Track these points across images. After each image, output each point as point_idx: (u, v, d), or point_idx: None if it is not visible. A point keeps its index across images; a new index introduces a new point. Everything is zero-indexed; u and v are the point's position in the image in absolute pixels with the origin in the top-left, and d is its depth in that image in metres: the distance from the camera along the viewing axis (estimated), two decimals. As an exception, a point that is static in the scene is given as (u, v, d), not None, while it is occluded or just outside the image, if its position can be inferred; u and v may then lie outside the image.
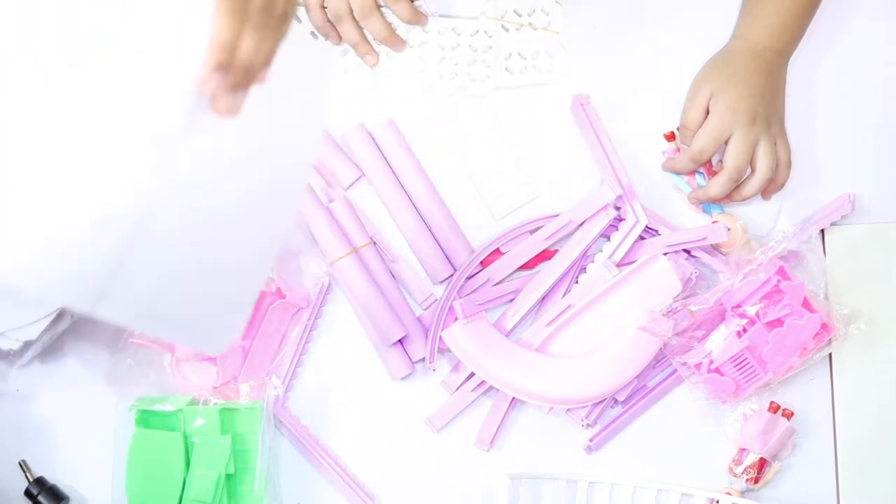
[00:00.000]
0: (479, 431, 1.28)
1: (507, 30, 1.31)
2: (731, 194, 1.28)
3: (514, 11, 1.32)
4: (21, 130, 0.95)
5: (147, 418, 1.23)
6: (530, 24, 1.31)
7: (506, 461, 1.28)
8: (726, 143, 1.26)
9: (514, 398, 1.26)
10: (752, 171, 1.27)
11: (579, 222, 1.29)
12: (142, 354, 1.25)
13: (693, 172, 1.30)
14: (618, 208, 1.29)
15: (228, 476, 1.22)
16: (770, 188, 1.29)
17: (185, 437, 1.22)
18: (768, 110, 1.27)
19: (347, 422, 1.28)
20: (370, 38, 1.29)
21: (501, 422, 1.27)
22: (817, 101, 1.33)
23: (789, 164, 1.29)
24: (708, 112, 1.28)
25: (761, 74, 1.28)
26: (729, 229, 1.28)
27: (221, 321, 1.06)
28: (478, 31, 1.32)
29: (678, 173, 1.30)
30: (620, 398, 1.28)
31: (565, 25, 1.32)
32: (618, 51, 1.33)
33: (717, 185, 1.27)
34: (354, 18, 1.26)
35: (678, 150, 1.31)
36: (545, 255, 1.29)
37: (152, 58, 0.94)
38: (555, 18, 1.31)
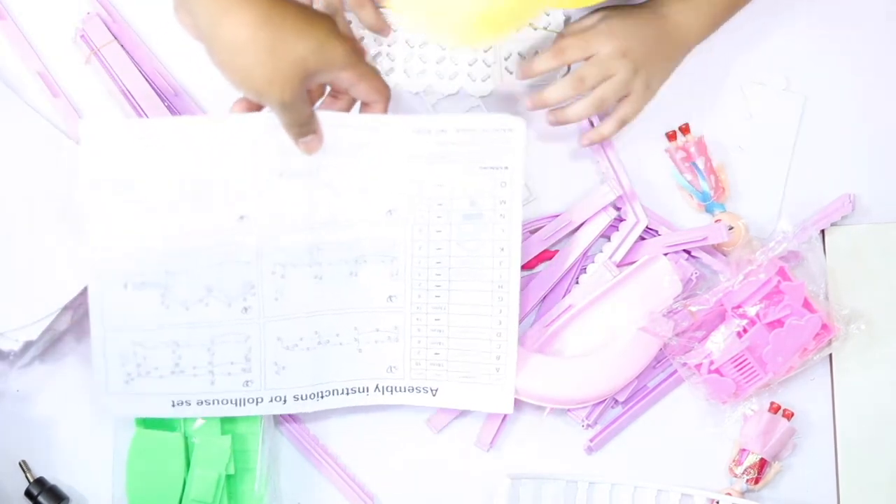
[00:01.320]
0: (479, 432, 1.28)
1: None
2: (556, 112, 1.26)
3: None
4: None
5: (147, 419, 1.23)
6: (530, 24, 1.31)
7: (506, 461, 1.28)
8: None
9: (514, 398, 1.26)
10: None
11: (579, 223, 1.29)
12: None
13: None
14: (618, 208, 1.29)
15: (228, 476, 1.22)
16: (592, 134, 1.28)
17: (186, 438, 1.22)
18: (643, 60, 1.25)
19: (347, 422, 1.28)
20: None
21: (501, 422, 1.27)
22: (817, 101, 1.33)
23: (621, 124, 1.27)
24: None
25: (655, 32, 1.26)
26: (731, 228, 1.28)
27: None
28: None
29: (552, 100, 1.26)
30: (621, 399, 1.28)
31: (565, 25, 1.32)
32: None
33: (579, 109, 1.26)
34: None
35: (681, 148, 1.30)
36: (545, 256, 1.29)
37: None
38: (555, 18, 1.31)
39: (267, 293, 1.22)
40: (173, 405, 1.22)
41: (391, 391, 1.24)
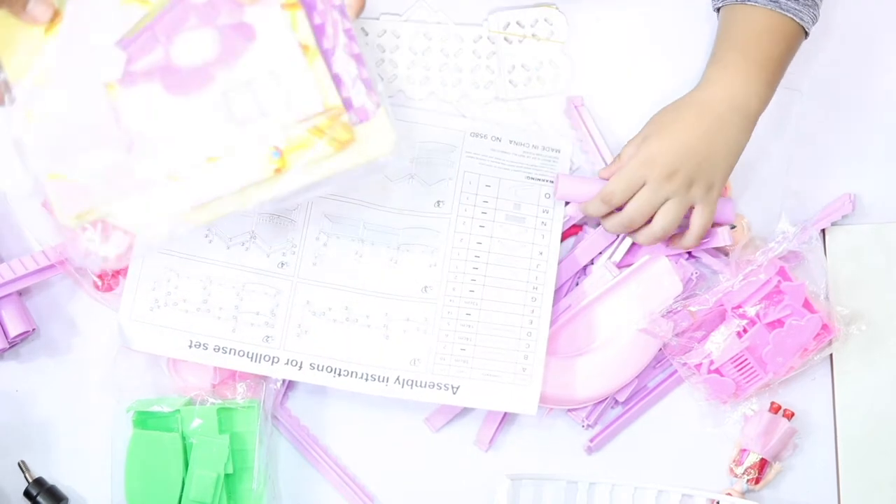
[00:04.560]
0: (479, 431, 1.28)
1: (509, 42, 1.31)
2: (634, 236, 1.25)
3: (517, 23, 1.31)
4: None
5: (145, 420, 1.23)
6: (533, 35, 1.31)
7: (506, 461, 1.28)
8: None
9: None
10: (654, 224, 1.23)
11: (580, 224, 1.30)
12: (138, 356, 1.25)
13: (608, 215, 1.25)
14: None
15: (227, 476, 1.22)
16: (670, 244, 1.26)
17: (183, 438, 1.22)
18: (696, 170, 1.20)
19: (347, 422, 1.27)
20: None
21: (501, 422, 1.27)
22: (817, 102, 1.33)
23: (700, 234, 1.23)
24: None
25: (702, 129, 1.21)
26: (733, 227, 1.28)
27: None
28: (481, 38, 1.31)
29: (591, 216, 1.25)
30: (621, 399, 1.28)
31: (569, 34, 1.32)
32: (620, 55, 1.33)
33: (593, 209, 1.24)
34: None
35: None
36: (573, 231, 1.30)
37: None
38: (558, 28, 1.31)
39: (306, 255, 1.25)
40: (190, 346, 1.23)
41: (411, 385, 1.24)
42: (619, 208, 1.23)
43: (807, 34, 1.26)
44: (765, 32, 1.23)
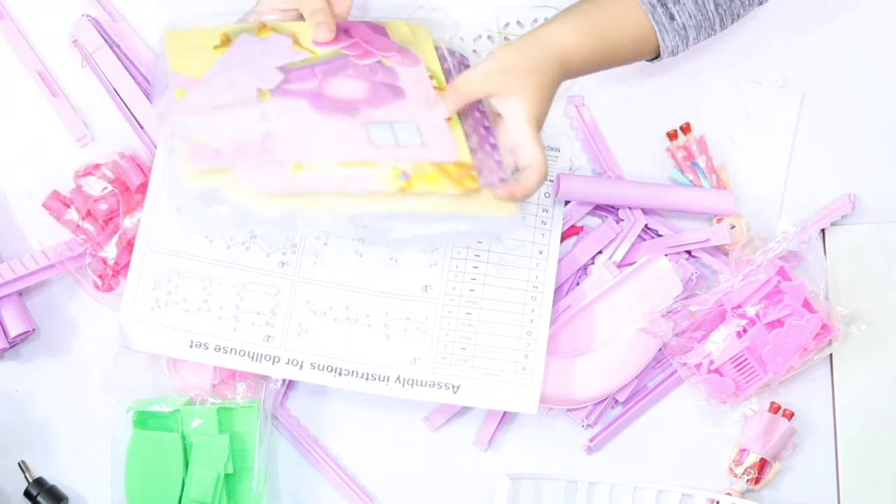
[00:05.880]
0: (478, 430, 1.28)
1: (509, 41, 1.31)
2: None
3: (517, 23, 1.32)
4: None
5: (145, 420, 1.23)
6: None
7: (505, 461, 1.28)
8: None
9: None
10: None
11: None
12: (139, 356, 1.25)
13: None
14: (616, 209, 1.29)
15: (227, 476, 1.22)
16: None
17: (183, 438, 1.22)
18: (541, 106, 1.18)
19: (346, 421, 1.28)
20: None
21: (500, 421, 1.27)
22: (817, 102, 1.33)
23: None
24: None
25: (548, 77, 1.18)
26: (733, 227, 1.28)
27: None
28: (480, 37, 1.32)
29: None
30: (621, 399, 1.28)
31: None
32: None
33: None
34: None
35: (682, 147, 1.30)
36: (573, 231, 1.30)
37: None
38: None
39: (307, 254, 1.25)
40: (191, 345, 1.23)
41: (411, 384, 1.24)
42: None
43: (658, 57, 1.23)
44: (626, 28, 1.21)
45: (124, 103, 1.29)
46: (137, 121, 1.29)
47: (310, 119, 1.15)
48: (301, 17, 1.21)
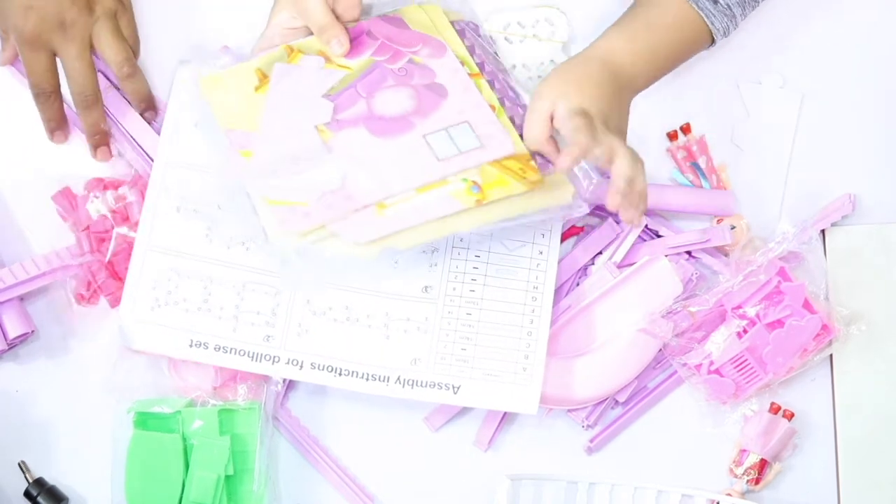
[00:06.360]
0: (479, 431, 1.28)
1: (510, 42, 1.31)
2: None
3: (518, 23, 1.31)
4: None
5: (145, 420, 1.23)
6: (534, 35, 1.31)
7: (505, 461, 1.28)
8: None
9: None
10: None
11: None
12: (139, 357, 1.25)
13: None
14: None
15: (228, 477, 1.22)
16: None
17: (184, 439, 1.22)
18: (609, 118, 1.18)
19: (347, 421, 1.28)
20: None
21: (501, 421, 1.27)
22: (817, 102, 1.33)
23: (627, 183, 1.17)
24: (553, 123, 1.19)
25: (609, 86, 1.20)
26: (733, 228, 1.28)
27: None
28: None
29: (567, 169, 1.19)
30: (621, 399, 1.28)
31: (569, 35, 1.32)
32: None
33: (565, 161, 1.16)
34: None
35: (683, 148, 1.30)
36: (573, 231, 1.30)
37: None
38: (559, 28, 1.31)
39: None
40: (191, 345, 1.23)
41: (412, 385, 1.24)
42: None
43: (714, 41, 1.25)
44: (673, 23, 1.24)
45: (136, 142, 1.29)
46: (148, 155, 1.29)
47: (374, 147, 1.20)
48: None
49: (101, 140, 1.25)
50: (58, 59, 1.24)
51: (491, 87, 1.24)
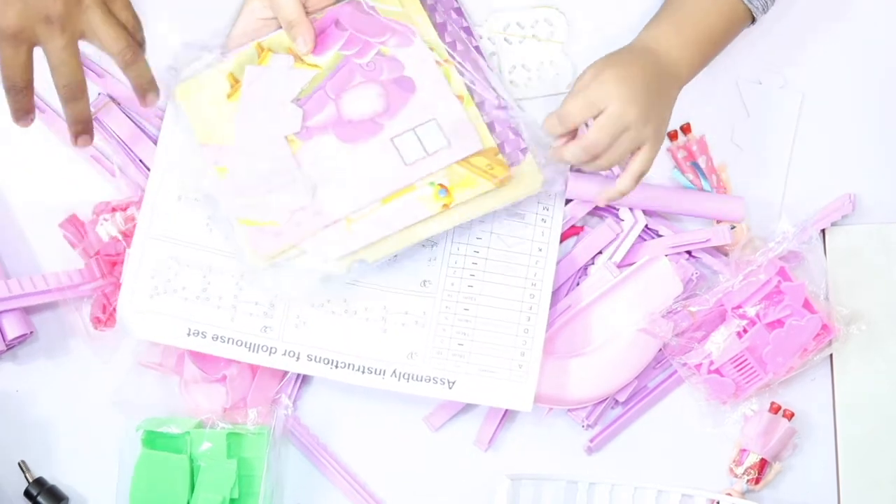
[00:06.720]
0: (479, 430, 1.28)
1: (510, 42, 1.31)
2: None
3: (517, 24, 1.31)
4: None
5: (154, 440, 1.23)
6: (533, 35, 1.31)
7: (505, 461, 1.28)
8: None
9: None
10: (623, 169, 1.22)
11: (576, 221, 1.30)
12: (151, 375, 1.25)
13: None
14: (616, 209, 1.29)
15: (232, 500, 1.22)
16: (610, 192, 1.22)
17: (192, 461, 1.22)
18: (649, 108, 1.19)
19: (346, 421, 1.28)
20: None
21: (500, 422, 1.27)
22: (817, 101, 1.33)
23: (638, 176, 1.21)
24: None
25: (651, 73, 1.20)
26: (733, 227, 1.28)
27: None
28: (481, 38, 1.31)
29: (566, 163, 1.22)
30: (621, 399, 1.28)
31: (569, 35, 1.31)
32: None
33: (571, 154, 1.20)
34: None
35: (683, 147, 1.30)
36: (573, 231, 1.30)
37: None
38: (558, 28, 1.31)
39: None
40: (189, 334, 1.23)
41: (407, 378, 1.24)
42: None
43: (754, 20, 1.26)
44: (712, 6, 1.24)
45: (138, 158, 1.29)
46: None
47: (342, 156, 1.22)
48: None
49: (83, 129, 1.20)
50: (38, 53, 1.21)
51: (460, 72, 1.24)
